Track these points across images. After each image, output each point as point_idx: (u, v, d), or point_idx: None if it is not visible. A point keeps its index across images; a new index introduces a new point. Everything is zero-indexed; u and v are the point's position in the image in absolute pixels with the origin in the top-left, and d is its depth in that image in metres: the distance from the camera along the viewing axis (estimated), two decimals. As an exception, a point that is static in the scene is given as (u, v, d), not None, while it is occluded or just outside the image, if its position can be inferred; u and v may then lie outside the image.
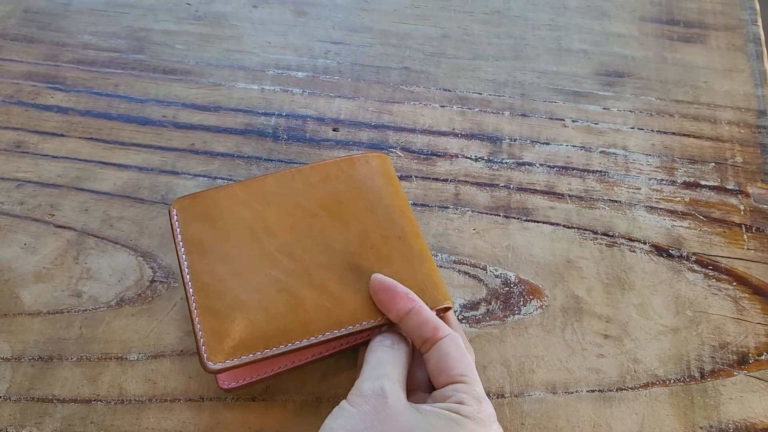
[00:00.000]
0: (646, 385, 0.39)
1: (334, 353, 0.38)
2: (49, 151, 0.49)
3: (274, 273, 0.37)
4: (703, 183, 0.48)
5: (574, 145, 0.50)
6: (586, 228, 0.46)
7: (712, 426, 0.38)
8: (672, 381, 0.40)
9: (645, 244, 0.45)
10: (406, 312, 0.34)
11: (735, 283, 0.43)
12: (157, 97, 0.53)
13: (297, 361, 0.38)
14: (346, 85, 0.53)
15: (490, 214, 0.46)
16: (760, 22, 0.57)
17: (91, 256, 0.44)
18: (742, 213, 0.46)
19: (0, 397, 0.39)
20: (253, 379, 0.37)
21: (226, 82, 0.53)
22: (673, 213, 0.46)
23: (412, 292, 0.35)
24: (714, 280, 0.43)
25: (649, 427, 0.38)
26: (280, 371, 0.38)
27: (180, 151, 0.49)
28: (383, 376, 0.32)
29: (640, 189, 0.47)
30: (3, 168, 0.49)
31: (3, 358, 0.40)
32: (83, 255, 0.44)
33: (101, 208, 0.46)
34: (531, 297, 0.43)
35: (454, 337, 0.34)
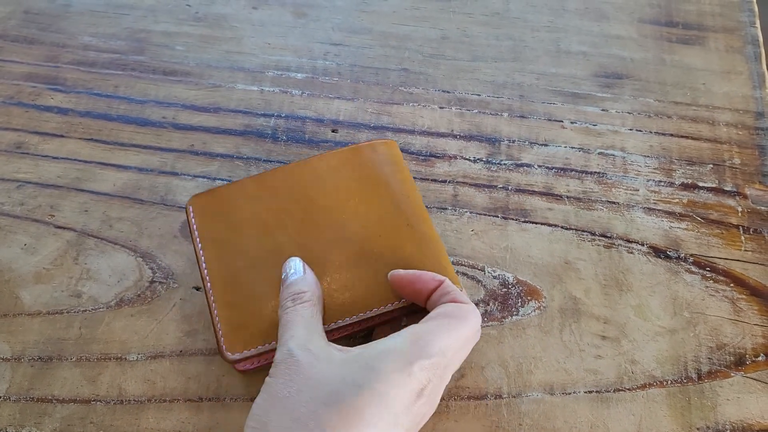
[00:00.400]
0: (644, 386, 0.40)
1: (346, 335, 0.39)
2: (49, 152, 0.50)
3: None
4: (701, 184, 0.48)
5: (572, 147, 0.50)
6: (584, 229, 0.46)
7: (709, 427, 0.38)
8: (669, 382, 0.40)
9: (643, 245, 0.45)
10: (437, 290, 0.36)
11: (732, 285, 0.43)
12: (156, 98, 0.53)
13: None
14: (346, 87, 0.54)
15: (489, 216, 0.46)
16: (758, 24, 0.57)
17: (91, 257, 0.44)
18: (739, 214, 0.46)
19: (0, 397, 0.39)
20: (268, 361, 0.38)
21: (226, 84, 0.54)
22: (670, 214, 0.46)
23: (433, 273, 0.36)
24: (711, 282, 0.43)
25: (646, 428, 0.38)
26: None
27: (179, 152, 0.50)
28: (289, 338, 0.33)
29: (638, 190, 0.48)
30: (3, 169, 0.49)
31: (3, 359, 0.40)
32: (83, 255, 0.44)
33: (101, 208, 0.47)
34: (529, 298, 0.43)
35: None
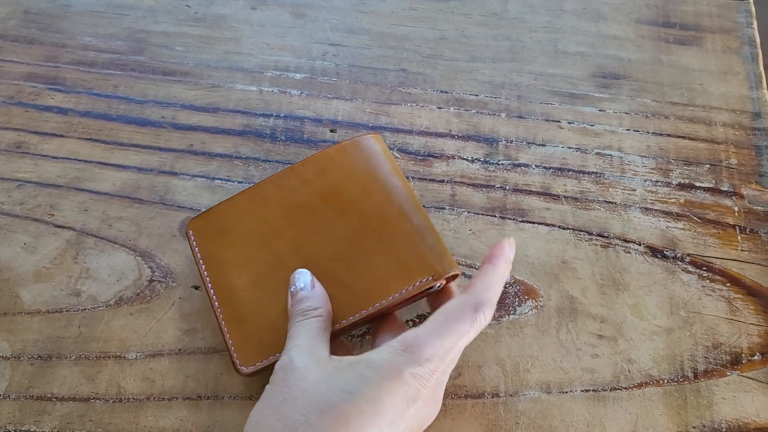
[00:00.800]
0: (640, 385, 0.40)
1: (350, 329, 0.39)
2: (49, 152, 0.50)
3: (286, 274, 0.38)
4: (697, 184, 0.48)
5: (569, 147, 0.50)
6: (581, 229, 0.46)
7: (705, 426, 0.38)
8: (665, 381, 0.40)
9: (640, 245, 0.45)
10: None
11: (729, 284, 0.43)
12: (156, 98, 0.53)
13: None
14: (344, 87, 0.54)
15: (486, 215, 0.47)
16: (755, 25, 0.57)
17: (90, 256, 0.45)
18: (736, 214, 0.47)
19: (0, 395, 0.39)
20: (272, 361, 0.38)
21: (225, 84, 0.54)
22: (667, 214, 0.47)
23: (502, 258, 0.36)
24: (708, 281, 0.44)
25: (642, 427, 0.38)
26: None
27: (179, 151, 0.50)
28: (292, 347, 0.34)
29: (635, 190, 0.48)
30: (3, 168, 0.49)
31: (2, 357, 0.41)
32: (82, 255, 0.45)
33: (100, 208, 0.47)
34: (526, 297, 0.43)
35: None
